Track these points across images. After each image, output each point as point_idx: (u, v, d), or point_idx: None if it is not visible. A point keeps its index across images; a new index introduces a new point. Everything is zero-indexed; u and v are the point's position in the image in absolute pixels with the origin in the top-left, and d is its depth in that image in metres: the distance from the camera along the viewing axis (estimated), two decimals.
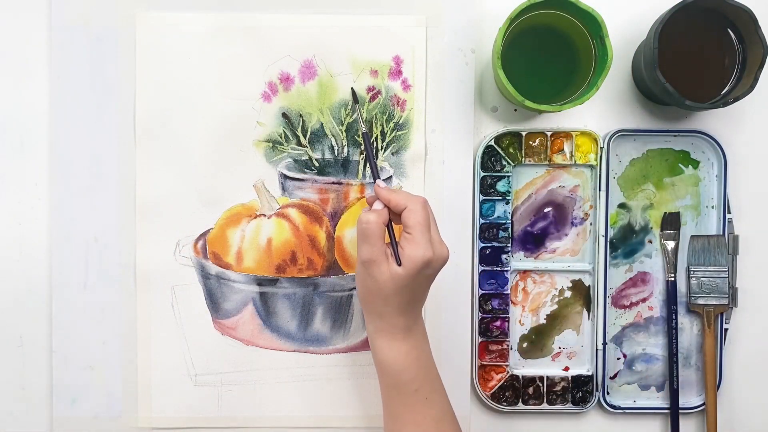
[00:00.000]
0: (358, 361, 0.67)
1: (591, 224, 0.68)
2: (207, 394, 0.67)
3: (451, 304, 0.67)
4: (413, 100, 0.66)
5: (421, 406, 0.56)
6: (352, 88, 0.63)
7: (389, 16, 0.66)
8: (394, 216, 0.56)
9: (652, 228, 0.68)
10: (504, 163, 0.67)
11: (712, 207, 0.68)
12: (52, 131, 0.66)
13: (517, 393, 0.68)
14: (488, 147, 0.67)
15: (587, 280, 0.68)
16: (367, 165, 0.66)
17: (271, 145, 0.66)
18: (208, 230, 0.67)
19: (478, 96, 0.68)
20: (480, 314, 0.67)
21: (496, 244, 0.67)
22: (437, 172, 0.66)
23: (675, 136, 0.67)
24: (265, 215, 0.67)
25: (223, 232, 0.66)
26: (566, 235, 0.68)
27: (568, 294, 0.68)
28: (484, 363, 0.68)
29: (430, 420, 0.56)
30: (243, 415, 0.67)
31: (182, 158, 0.66)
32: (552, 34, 0.63)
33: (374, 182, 0.57)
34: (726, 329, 0.68)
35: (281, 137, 0.66)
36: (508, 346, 0.68)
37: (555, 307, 0.68)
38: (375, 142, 0.66)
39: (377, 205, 0.56)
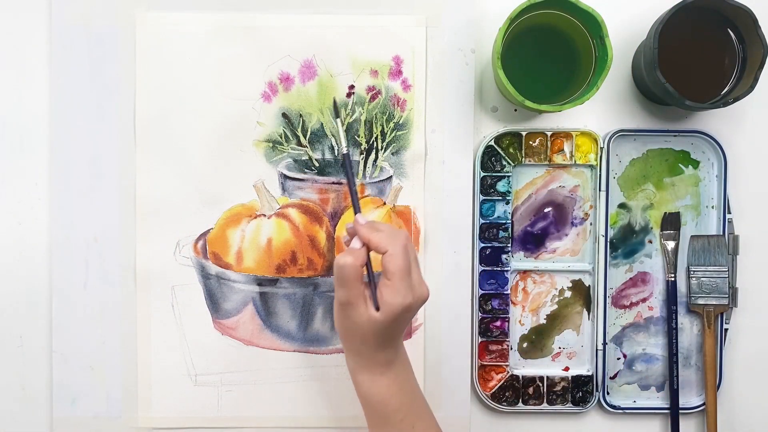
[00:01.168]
0: None
1: (591, 224, 0.68)
2: (207, 394, 0.67)
3: (451, 304, 0.67)
4: (413, 100, 0.66)
5: None
6: (334, 99, 0.60)
7: (389, 16, 0.66)
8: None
9: (652, 228, 0.68)
10: (504, 163, 0.67)
11: (712, 207, 0.68)
12: (52, 131, 0.66)
13: (517, 393, 0.68)
14: (488, 147, 0.67)
15: (587, 280, 0.68)
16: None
17: (271, 145, 0.66)
18: (208, 230, 0.67)
19: (478, 96, 0.68)
20: (480, 314, 0.67)
21: (496, 244, 0.67)
22: (437, 172, 0.66)
23: (675, 136, 0.67)
24: (265, 215, 0.67)
25: (223, 232, 0.66)
26: (566, 235, 0.68)
27: (568, 294, 0.68)
28: (484, 363, 0.68)
29: None
30: (243, 415, 0.67)
31: (182, 158, 0.66)
32: (552, 34, 0.63)
33: (354, 216, 0.55)
34: (726, 329, 0.68)
35: (281, 137, 0.66)
36: (508, 346, 0.68)
37: (555, 307, 0.68)
38: (375, 142, 0.66)
39: (355, 244, 0.54)
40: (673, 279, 0.67)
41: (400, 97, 0.66)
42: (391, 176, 0.66)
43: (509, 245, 0.67)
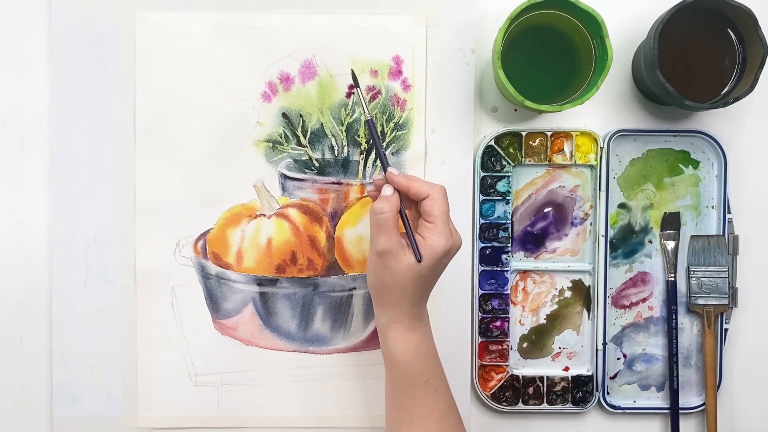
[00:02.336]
0: (358, 361, 0.67)
1: (591, 224, 0.68)
2: (207, 394, 0.67)
3: (451, 304, 0.67)
4: (413, 100, 0.66)
5: (430, 399, 0.56)
6: (352, 70, 0.61)
7: (389, 16, 0.66)
8: (406, 201, 0.56)
9: (652, 228, 0.68)
10: (504, 163, 0.67)
11: (712, 207, 0.68)
12: (52, 131, 0.66)
13: (517, 393, 0.68)
14: (488, 147, 0.67)
15: (587, 280, 0.68)
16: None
17: (271, 145, 0.66)
18: (208, 230, 0.67)
19: (478, 96, 0.68)
20: (480, 314, 0.67)
21: (496, 244, 0.67)
22: (437, 172, 0.66)
23: (675, 136, 0.67)
24: (265, 215, 0.67)
25: (223, 232, 0.66)
26: (566, 235, 0.68)
27: (568, 294, 0.68)
28: (484, 363, 0.68)
29: (438, 413, 0.56)
30: (243, 415, 0.67)
31: (182, 158, 0.66)
32: (552, 34, 0.63)
33: (385, 170, 0.56)
34: (726, 329, 0.68)
35: (281, 137, 0.66)
36: (508, 346, 0.68)
37: (555, 307, 0.68)
38: None
39: (387, 191, 0.55)
40: (673, 279, 0.67)
41: (400, 97, 0.66)
42: None
43: (509, 245, 0.67)
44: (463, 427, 0.58)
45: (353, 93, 0.66)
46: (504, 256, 0.67)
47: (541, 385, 0.68)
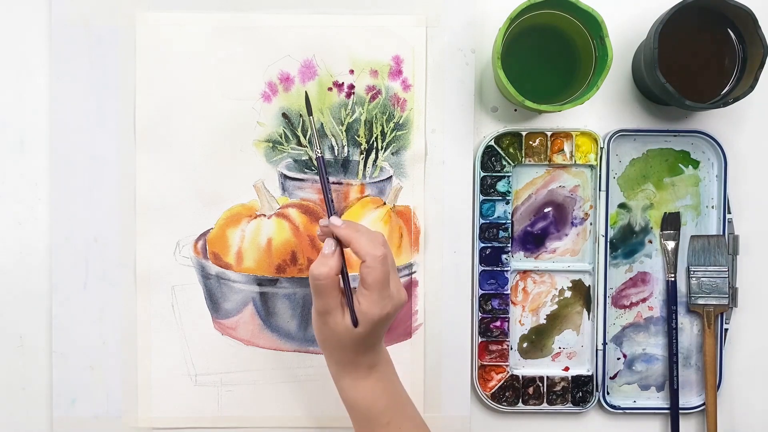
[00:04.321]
0: None
1: (591, 224, 0.68)
2: (207, 394, 0.67)
3: (451, 304, 0.67)
4: (413, 100, 0.66)
5: None
6: (306, 93, 0.61)
7: (389, 16, 0.66)
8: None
9: (652, 228, 0.68)
10: (504, 163, 0.67)
11: (712, 207, 0.68)
12: (52, 131, 0.66)
13: (517, 393, 0.68)
14: (488, 147, 0.67)
15: (587, 280, 0.68)
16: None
17: (271, 145, 0.66)
18: (208, 230, 0.67)
19: (478, 96, 0.68)
20: (480, 314, 0.67)
21: (496, 244, 0.67)
22: (437, 172, 0.66)
23: (675, 136, 0.67)
24: (265, 215, 0.67)
25: (223, 232, 0.66)
26: (566, 235, 0.68)
27: (568, 294, 0.68)
28: (484, 363, 0.68)
29: None
30: (243, 415, 0.67)
31: (182, 158, 0.66)
32: (552, 34, 0.63)
33: (329, 219, 0.54)
34: (726, 329, 0.68)
35: (281, 137, 0.66)
36: (508, 346, 0.68)
37: (555, 307, 0.68)
38: (375, 142, 0.66)
39: (327, 248, 0.53)
40: (673, 279, 0.67)
41: (400, 97, 0.66)
42: (391, 176, 0.66)
43: (509, 245, 0.67)
44: None
45: (353, 93, 0.66)
46: (504, 256, 0.67)
47: (541, 385, 0.68)
